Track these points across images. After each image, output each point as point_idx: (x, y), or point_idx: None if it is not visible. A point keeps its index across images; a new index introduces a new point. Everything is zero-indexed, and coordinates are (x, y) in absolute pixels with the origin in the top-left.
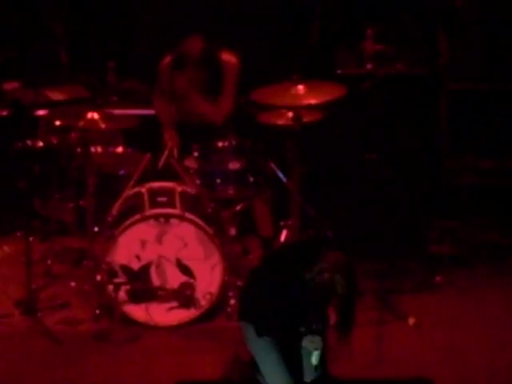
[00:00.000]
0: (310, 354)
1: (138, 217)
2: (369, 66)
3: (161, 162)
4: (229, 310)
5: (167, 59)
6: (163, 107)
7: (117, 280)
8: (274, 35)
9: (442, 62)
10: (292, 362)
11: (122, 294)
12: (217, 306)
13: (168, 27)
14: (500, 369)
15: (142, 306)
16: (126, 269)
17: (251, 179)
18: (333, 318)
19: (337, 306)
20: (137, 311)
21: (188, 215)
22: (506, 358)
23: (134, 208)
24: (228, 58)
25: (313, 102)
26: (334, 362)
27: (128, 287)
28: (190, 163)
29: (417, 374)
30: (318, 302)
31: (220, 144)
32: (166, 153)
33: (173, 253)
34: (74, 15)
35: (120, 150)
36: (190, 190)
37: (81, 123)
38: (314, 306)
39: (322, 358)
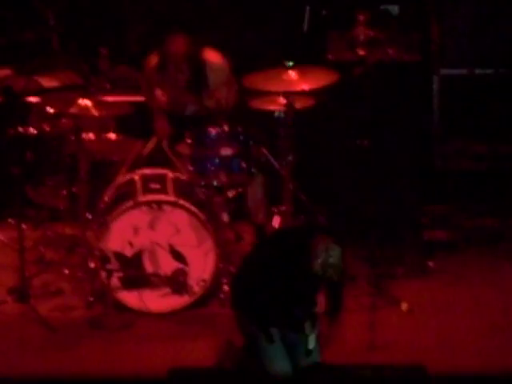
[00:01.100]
0: (305, 339)
1: (130, 203)
2: (360, 52)
3: (145, 151)
4: (222, 296)
5: (152, 61)
6: (152, 97)
7: (110, 267)
8: (266, 21)
9: (433, 48)
10: (289, 347)
11: (114, 281)
12: (210, 293)
13: (160, 13)
14: (492, 353)
15: (135, 292)
16: (118, 255)
17: (244, 165)
18: (322, 303)
19: (327, 291)
20: (130, 298)
21: (181, 201)
22: (498, 343)
23: (126, 194)
24: (213, 58)
25: (305, 87)
26: (326, 347)
27: (121, 274)
28: (183, 149)
29: (409, 359)
30: (311, 288)
31: (212, 130)
32: (152, 143)
33: (165, 239)
34: (65, 1)
35: (112, 136)
36: (183, 176)
37: (73, 110)
38: (308, 291)
39: (315, 344)
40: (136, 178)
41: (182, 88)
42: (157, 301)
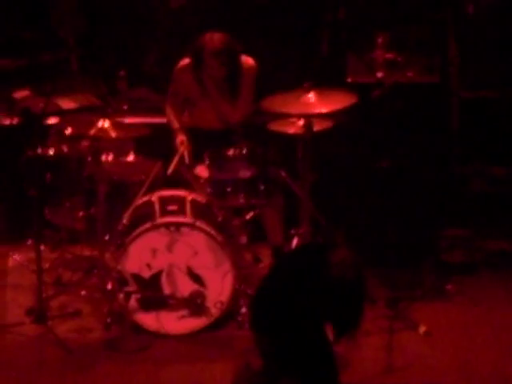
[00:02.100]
0: None
1: (148, 225)
2: (379, 74)
3: (171, 168)
4: (239, 318)
5: (185, 61)
6: (175, 112)
7: (127, 288)
8: (285, 43)
9: (452, 70)
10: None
11: (132, 303)
12: (227, 315)
13: (179, 36)
14: (510, 377)
15: (153, 314)
16: (136, 277)
17: (262, 187)
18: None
19: (345, 309)
20: (147, 319)
21: (199, 223)
22: None
23: (144, 216)
24: (247, 61)
25: (324, 110)
26: (343, 369)
27: (139, 295)
28: (201, 171)
29: (427, 382)
30: (332, 306)
31: (231, 152)
32: (177, 158)
33: (183, 261)
34: (84, 23)
35: (131, 158)
36: (201, 198)
37: (91, 131)
38: (329, 310)
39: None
40: (154, 199)
41: (216, 85)
42: (174, 323)
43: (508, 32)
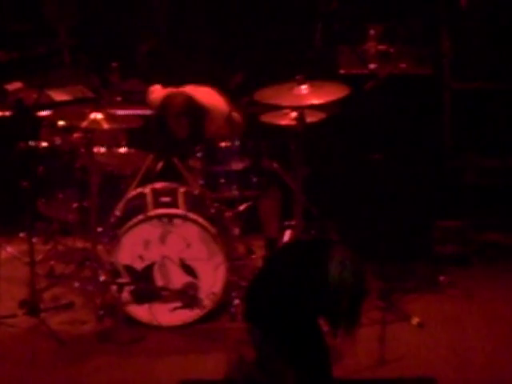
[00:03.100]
0: None
1: (141, 217)
2: (372, 66)
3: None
4: (232, 310)
5: (153, 100)
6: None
7: (120, 280)
8: (277, 35)
9: (445, 62)
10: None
11: (125, 295)
12: (220, 306)
13: (172, 27)
14: (503, 368)
15: (146, 306)
16: (129, 269)
17: (255, 179)
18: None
19: (344, 304)
20: (140, 311)
21: (191, 215)
22: (509, 357)
23: (137, 208)
24: (209, 101)
25: (316, 101)
26: (337, 361)
27: (131, 287)
28: (194, 163)
29: (420, 373)
30: (328, 300)
31: (223, 144)
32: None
33: (176, 253)
34: (77, 15)
35: (123, 150)
36: (194, 190)
37: (84, 123)
38: (324, 303)
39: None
40: (147, 191)
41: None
42: (167, 314)
43: (500, 24)
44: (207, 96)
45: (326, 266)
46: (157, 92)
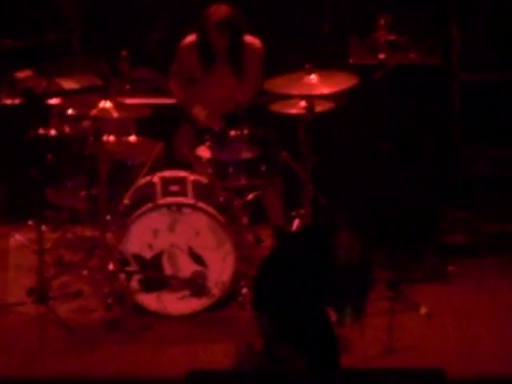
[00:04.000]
0: None
1: (150, 206)
2: (381, 56)
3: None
4: (241, 299)
5: (190, 38)
6: (181, 88)
7: (129, 269)
8: (287, 25)
9: (454, 52)
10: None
11: (134, 283)
12: (229, 295)
13: (181, 16)
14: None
15: (154, 294)
16: (138, 258)
17: (264, 168)
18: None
19: (352, 293)
20: (149, 300)
21: (200, 204)
22: None
23: (146, 197)
24: (253, 41)
25: (325, 91)
26: (345, 351)
27: (140, 276)
28: (203, 152)
29: (429, 363)
30: (336, 287)
31: (233, 133)
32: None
33: (185, 242)
34: (86, 3)
35: (132, 138)
36: (203, 178)
37: (93, 112)
38: (333, 290)
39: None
40: (156, 180)
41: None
42: (176, 303)
43: (510, 13)
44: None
45: (332, 253)
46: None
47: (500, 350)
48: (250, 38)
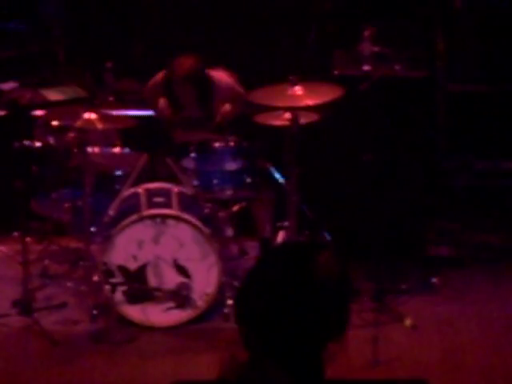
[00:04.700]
0: None
1: (134, 217)
2: (366, 68)
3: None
4: (226, 310)
5: (159, 77)
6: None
7: (113, 280)
8: (271, 36)
9: (439, 64)
10: None
11: (118, 295)
12: (213, 307)
13: (166, 27)
14: (496, 370)
15: (139, 306)
16: (122, 269)
17: (249, 180)
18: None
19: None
20: (133, 312)
21: (185, 216)
22: (502, 359)
23: (131, 208)
24: (219, 77)
25: (310, 103)
26: (329, 363)
27: (125, 288)
28: (188, 163)
29: (413, 375)
30: (317, 303)
31: (217, 144)
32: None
33: (169, 253)
34: (71, 15)
35: (117, 150)
36: (187, 190)
37: (78, 123)
38: (313, 306)
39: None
40: (140, 191)
41: (188, 105)
42: (160, 315)
43: (495, 25)
44: (217, 74)
45: (312, 269)
46: (158, 75)
47: (485, 362)
48: (217, 75)
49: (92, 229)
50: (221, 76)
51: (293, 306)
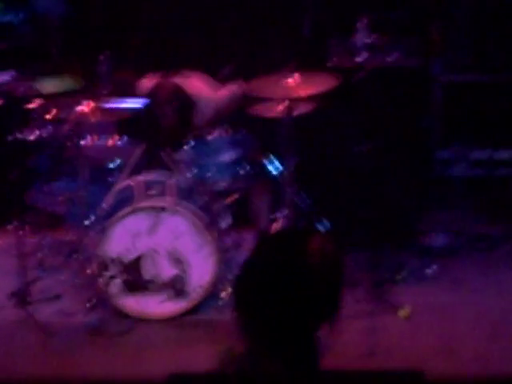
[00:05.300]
0: None
1: (129, 209)
2: (360, 58)
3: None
4: (221, 302)
5: (148, 84)
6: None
7: (108, 273)
8: (267, 27)
9: (434, 54)
10: None
11: (113, 287)
12: (209, 298)
13: (162, 18)
14: (492, 359)
15: (134, 298)
16: (117, 261)
17: (244, 171)
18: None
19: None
20: (129, 303)
21: (180, 207)
22: (498, 348)
23: (125, 200)
24: (199, 90)
25: (305, 93)
26: (325, 353)
27: (120, 280)
28: (183, 154)
29: (408, 365)
30: (310, 292)
31: (213, 136)
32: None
33: (164, 245)
34: (67, 5)
35: (112, 141)
36: (182, 181)
37: (73, 115)
38: (308, 294)
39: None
40: (135, 183)
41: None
42: (156, 306)
43: (490, 16)
44: (196, 86)
45: (305, 254)
46: (146, 81)
47: (480, 350)
48: (196, 92)
49: (87, 221)
50: (204, 92)
51: (286, 290)
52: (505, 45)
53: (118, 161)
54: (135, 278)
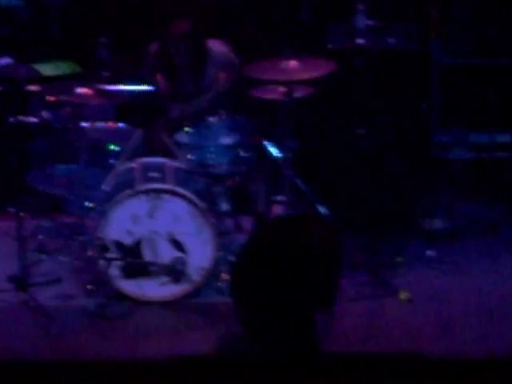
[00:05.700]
0: None
1: (129, 192)
2: (360, 41)
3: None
4: (221, 285)
5: (154, 47)
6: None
7: (108, 255)
8: (266, 10)
9: (433, 37)
10: None
11: (113, 270)
12: (209, 281)
13: (162, 2)
14: (491, 340)
15: (134, 281)
16: (117, 244)
17: (243, 155)
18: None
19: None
20: (129, 286)
21: (179, 190)
22: (497, 331)
23: (125, 183)
24: (213, 45)
25: (305, 76)
26: (325, 336)
27: (120, 262)
28: (182, 138)
29: (409, 348)
30: (309, 275)
31: (212, 119)
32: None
33: (164, 228)
34: None
35: (112, 125)
36: (182, 165)
37: (73, 98)
38: (306, 278)
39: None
40: (135, 166)
41: (182, 70)
42: (155, 289)
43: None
44: (212, 42)
45: (303, 238)
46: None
47: (479, 332)
48: (212, 42)
49: (87, 204)
50: (216, 43)
51: (285, 273)
52: (504, 28)
53: (119, 143)
54: (135, 261)
